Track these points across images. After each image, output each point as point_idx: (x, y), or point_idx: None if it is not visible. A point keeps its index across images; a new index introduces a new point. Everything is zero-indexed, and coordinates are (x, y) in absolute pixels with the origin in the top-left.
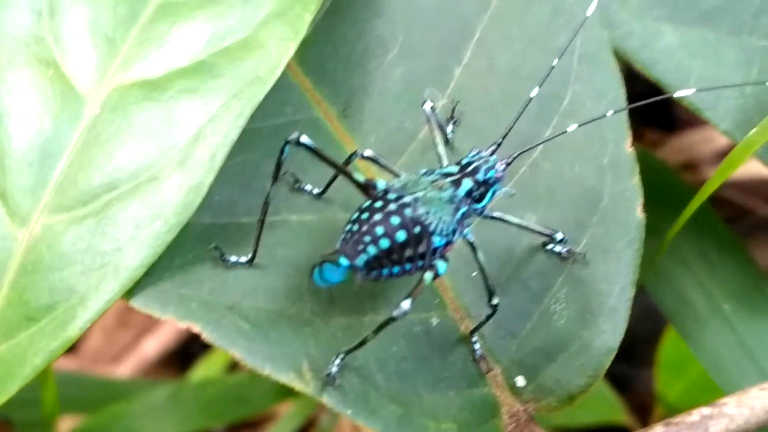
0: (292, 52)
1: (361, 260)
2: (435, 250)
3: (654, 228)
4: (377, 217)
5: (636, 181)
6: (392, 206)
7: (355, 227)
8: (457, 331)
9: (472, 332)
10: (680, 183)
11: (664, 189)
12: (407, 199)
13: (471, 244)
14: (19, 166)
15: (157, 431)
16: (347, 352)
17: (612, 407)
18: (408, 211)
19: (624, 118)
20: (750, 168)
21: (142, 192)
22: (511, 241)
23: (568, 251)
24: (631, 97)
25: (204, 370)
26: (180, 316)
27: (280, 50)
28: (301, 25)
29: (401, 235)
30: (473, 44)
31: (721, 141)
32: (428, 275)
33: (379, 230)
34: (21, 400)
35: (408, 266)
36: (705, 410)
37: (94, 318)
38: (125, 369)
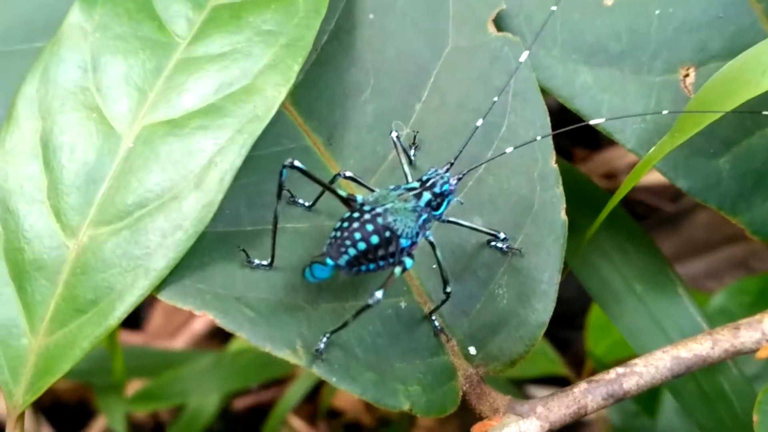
0: (284, 95)
1: (343, 260)
2: (402, 249)
3: (580, 226)
4: (355, 225)
5: (560, 190)
6: (367, 216)
7: (338, 234)
8: (421, 312)
9: (431, 312)
10: (599, 190)
11: (586, 195)
12: (379, 210)
13: (431, 243)
14: (70, 190)
15: (204, 391)
16: (333, 332)
17: (554, 362)
18: (380, 220)
19: (549, 141)
20: (656, 176)
21: (166, 209)
22: (462, 240)
23: (508, 247)
24: (563, 123)
25: (240, 342)
26: (197, 307)
27: (274, 94)
28: (291, 74)
29: (375, 239)
30: (429, 85)
31: (633, 156)
32: (398, 269)
33: (357, 235)
34: (97, 368)
35: (381, 263)
36: (619, 369)
37: (130, 310)
38: (180, 342)
